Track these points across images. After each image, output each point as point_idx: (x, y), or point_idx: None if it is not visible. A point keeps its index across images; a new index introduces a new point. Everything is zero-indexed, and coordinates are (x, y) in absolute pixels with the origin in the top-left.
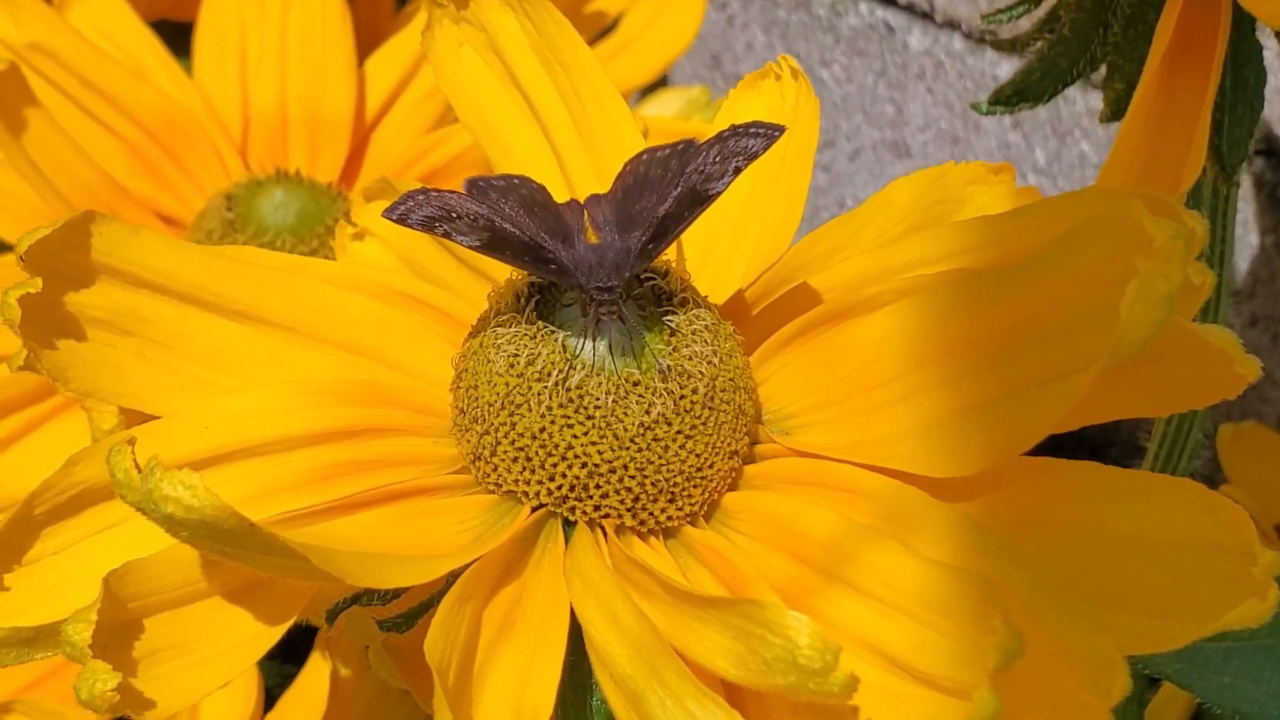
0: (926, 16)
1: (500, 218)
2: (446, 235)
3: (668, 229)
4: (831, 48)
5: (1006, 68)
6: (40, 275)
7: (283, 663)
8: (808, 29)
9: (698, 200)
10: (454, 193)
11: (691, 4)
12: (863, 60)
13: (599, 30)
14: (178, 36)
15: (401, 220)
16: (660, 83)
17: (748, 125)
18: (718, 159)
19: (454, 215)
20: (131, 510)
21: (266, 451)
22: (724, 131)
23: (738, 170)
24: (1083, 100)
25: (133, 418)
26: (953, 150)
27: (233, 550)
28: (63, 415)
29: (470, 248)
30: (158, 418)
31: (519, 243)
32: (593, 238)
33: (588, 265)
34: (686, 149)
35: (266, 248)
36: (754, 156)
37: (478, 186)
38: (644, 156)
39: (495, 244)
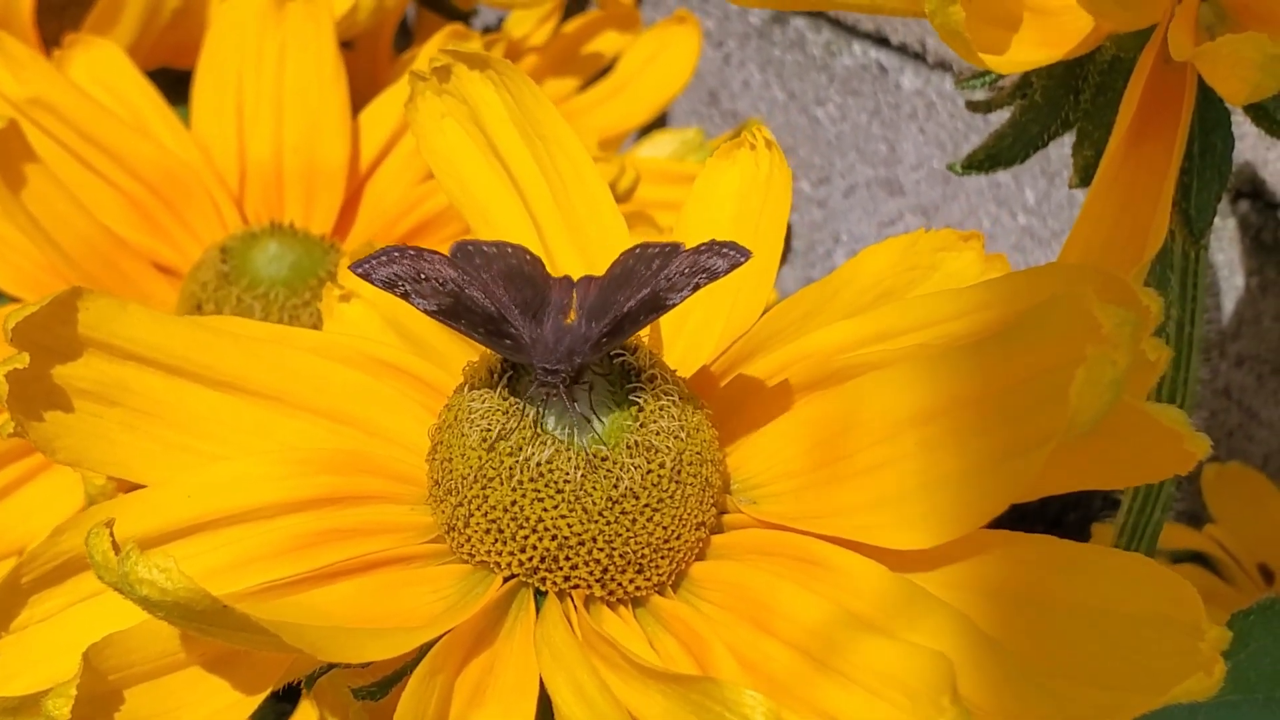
0: (919, 57)
1: (471, 285)
2: (405, 296)
3: (623, 328)
4: (826, 87)
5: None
6: (27, 350)
7: (278, 700)
8: (802, 68)
9: (655, 307)
10: (434, 253)
11: (687, 45)
12: (856, 100)
13: (596, 71)
14: (177, 84)
15: (364, 276)
16: (658, 120)
17: (720, 244)
18: (686, 271)
19: (421, 277)
20: None
21: (248, 519)
22: (701, 245)
23: (697, 287)
24: (1069, 141)
25: (122, 486)
26: (944, 189)
27: (207, 628)
28: (54, 469)
29: (426, 312)
30: (143, 487)
31: (480, 314)
32: (572, 317)
33: (544, 346)
34: (673, 251)
35: (260, 300)
36: (715, 276)
37: (465, 250)
38: (636, 250)
39: (453, 312)
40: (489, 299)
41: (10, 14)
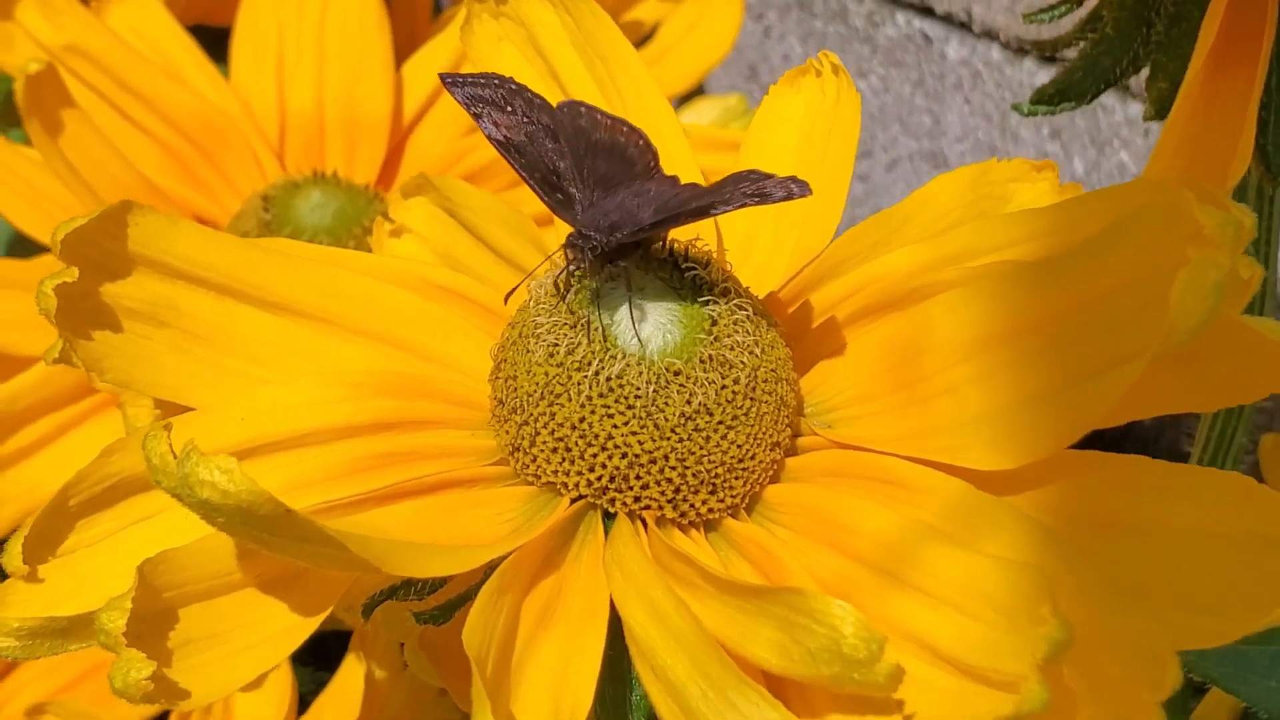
0: (964, 26)
1: (551, 137)
2: (476, 117)
3: (666, 223)
4: (869, 58)
5: (1044, 77)
6: (76, 265)
7: (316, 669)
8: (844, 40)
9: (701, 211)
10: (536, 95)
11: (729, 13)
12: (900, 71)
13: (636, 39)
14: (214, 43)
15: (450, 85)
16: (696, 92)
17: (787, 179)
18: (744, 191)
19: (507, 108)
20: (168, 502)
21: (302, 444)
22: (769, 174)
23: (744, 205)
24: (1121, 110)
25: (169, 413)
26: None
27: (269, 538)
28: (96, 418)
29: (489, 138)
30: (193, 410)
31: (546, 163)
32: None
33: (594, 214)
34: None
35: None
36: (765, 201)
37: (574, 108)
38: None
39: (518, 148)
40: (564, 156)
41: None
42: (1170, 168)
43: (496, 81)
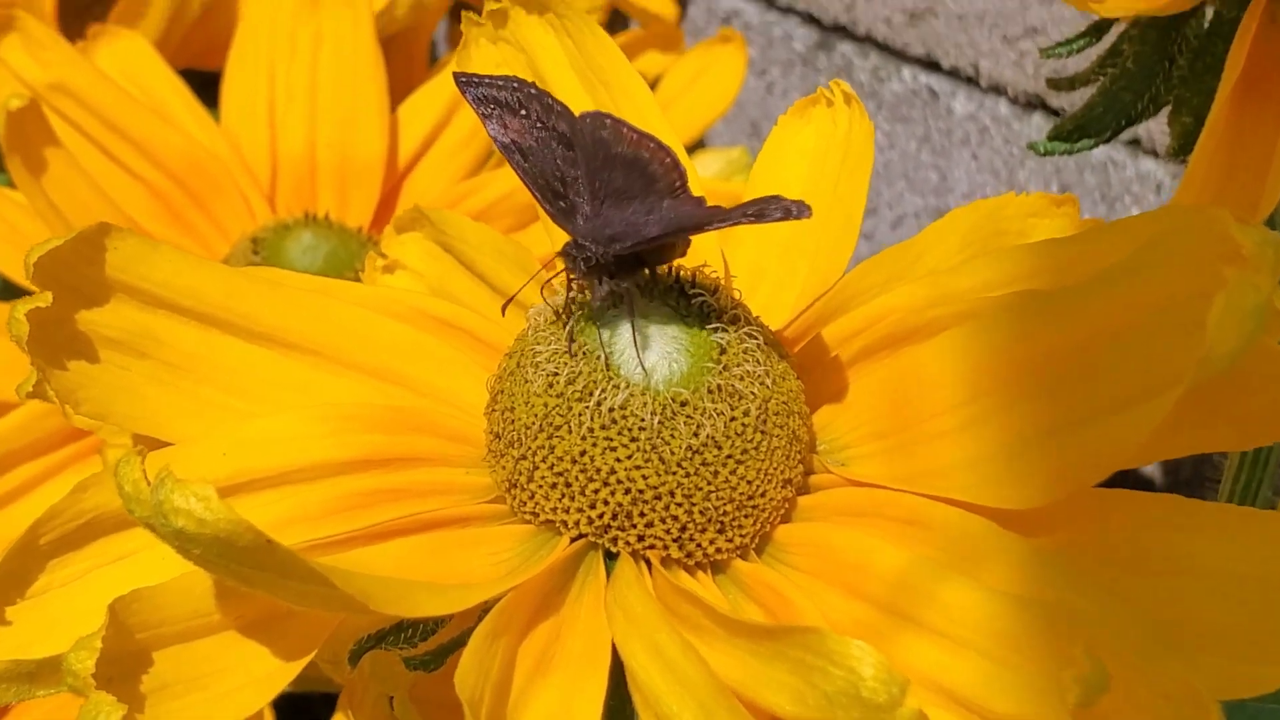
0: (971, 81)
1: (565, 145)
2: (485, 118)
3: (661, 240)
4: (874, 114)
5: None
6: (51, 290)
7: None
8: None
9: (695, 229)
10: (558, 102)
11: (732, 67)
12: (905, 126)
13: None
14: (205, 86)
15: (463, 85)
16: (698, 146)
17: (788, 200)
18: (743, 211)
19: (520, 112)
20: (145, 541)
21: (287, 480)
22: (770, 197)
23: (738, 223)
24: (1132, 165)
25: (149, 450)
26: None
27: (248, 572)
28: (79, 464)
29: (495, 140)
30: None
31: (551, 170)
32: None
33: (594, 225)
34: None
35: None
36: (761, 220)
37: (599, 119)
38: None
39: (524, 152)
40: (577, 165)
41: (33, 4)
42: (1198, 201)
43: (515, 84)
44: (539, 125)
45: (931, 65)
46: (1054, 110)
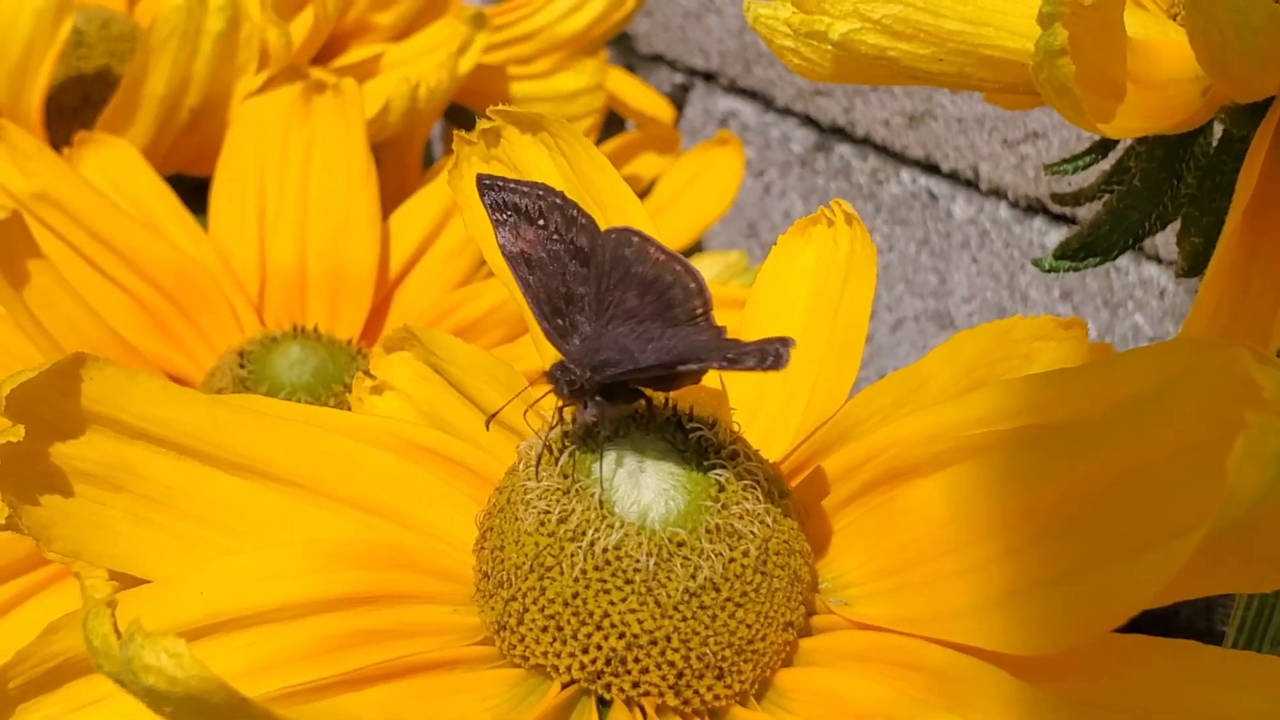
0: (971, 184)
1: (580, 260)
2: (497, 225)
3: (654, 372)
4: (872, 216)
5: (1055, 236)
6: (24, 423)
7: None
8: (848, 197)
9: (681, 361)
10: (583, 213)
11: (729, 168)
12: (904, 229)
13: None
14: (194, 192)
15: (482, 189)
16: (695, 249)
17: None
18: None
19: (539, 223)
20: (116, 686)
21: (268, 620)
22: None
23: (714, 369)
24: (1135, 271)
25: (127, 585)
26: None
27: None
28: (54, 587)
29: (502, 248)
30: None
31: (556, 286)
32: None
33: (588, 346)
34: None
35: None
36: (735, 368)
37: (626, 236)
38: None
39: (529, 263)
40: (588, 282)
41: (19, 111)
42: (1211, 328)
43: (540, 192)
44: (555, 237)
45: (931, 168)
46: (1055, 215)
